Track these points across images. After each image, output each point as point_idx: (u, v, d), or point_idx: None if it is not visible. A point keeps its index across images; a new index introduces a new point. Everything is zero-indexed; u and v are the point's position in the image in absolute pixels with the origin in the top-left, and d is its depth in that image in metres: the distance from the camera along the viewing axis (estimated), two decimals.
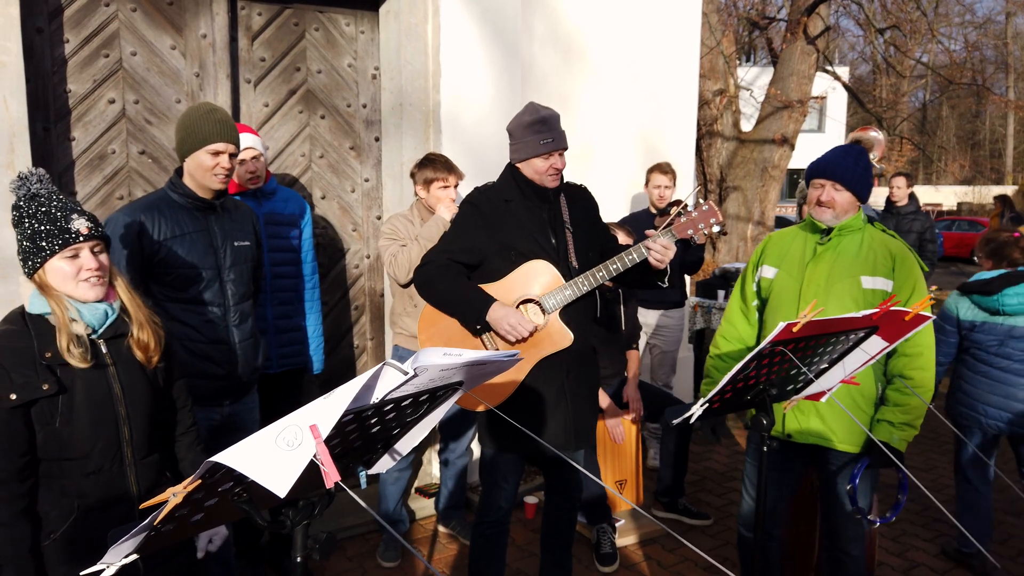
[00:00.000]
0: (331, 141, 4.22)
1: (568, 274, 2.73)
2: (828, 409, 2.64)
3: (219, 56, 3.80)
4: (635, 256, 2.69)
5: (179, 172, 2.72)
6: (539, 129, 2.71)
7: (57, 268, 1.85)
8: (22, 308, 1.91)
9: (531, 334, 2.64)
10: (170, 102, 3.71)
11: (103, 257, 1.92)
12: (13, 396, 1.77)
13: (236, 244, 2.80)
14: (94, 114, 3.54)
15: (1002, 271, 3.50)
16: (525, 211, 2.76)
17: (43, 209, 1.84)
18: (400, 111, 4.19)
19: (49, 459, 1.86)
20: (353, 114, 4.28)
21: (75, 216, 1.86)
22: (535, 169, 2.74)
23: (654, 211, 4.78)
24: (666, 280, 2.81)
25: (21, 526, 1.83)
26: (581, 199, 2.93)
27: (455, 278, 2.71)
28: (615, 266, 2.69)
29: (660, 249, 2.67)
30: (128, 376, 1.96)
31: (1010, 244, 3.56)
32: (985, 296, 3.47)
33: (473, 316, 2.66)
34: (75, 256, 1.86)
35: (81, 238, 1.86)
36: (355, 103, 4.28)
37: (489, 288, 2.71)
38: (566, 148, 2.77)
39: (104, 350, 1.93)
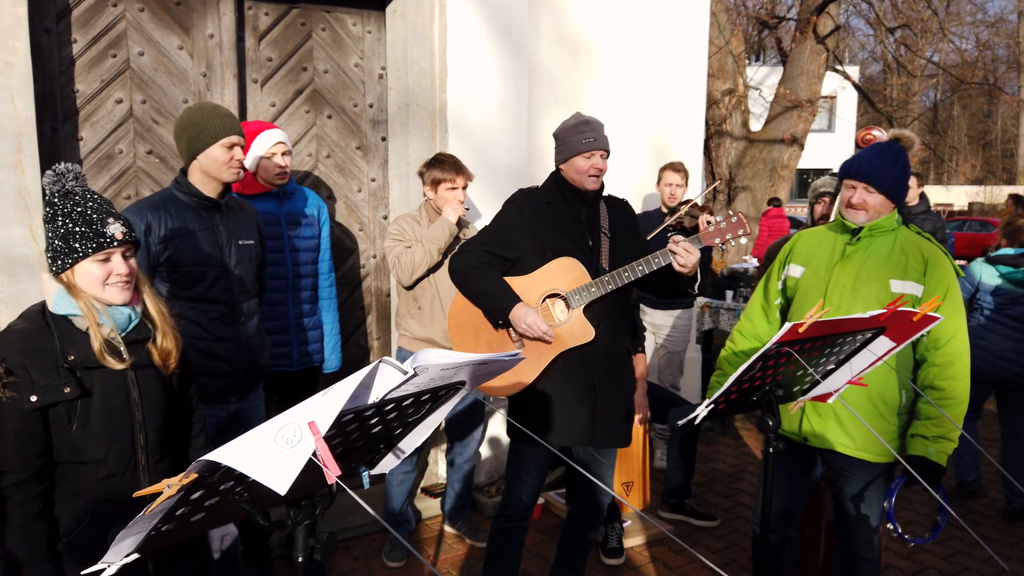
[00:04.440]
0: (338, 141, 4.22)
1: (597, 274, 2.78)
2: (848, 416, 2.57)
3: (226, 56, 3.81)
4: (660, 260, 2.72)
5: (184, 172, 2.73)
6: (582, 130, 2.80)
7: (87, 271, 1.82)
8: (42, 306, 1.88)
9: (545, 335, 2.70)
10: (177, 102, 3.72)
11: (132, 262, 1.89)
12: (34, 398, 1.75)
13: (241, 243, 2.81)
14: (102, 114, 3.55)
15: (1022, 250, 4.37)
16: (565, 213, 2.84)
17: (78, 209, 1.81)
18: (407, 111, 4.19)
19: (64, 462, 1.84)
20: (360, 114, 4.28)
21: (111, 220, 1.83)
22: (576, 169, 2.79)
23: (665, 210, 4.76)
24: (696, 287, 2.82)
25: (38, 527, 1.80)
26: (621, 210, 2.99)
27: (487, 271, 2.81)
28: (640, 268, 2.73)
29: (683, 252, 2.66)
30: (146, 381, 1.94)
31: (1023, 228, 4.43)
32: (1013, 268, 4.33)
33: (497, 313, 2.77)
34: (106, 260, 1.83)
35: (115, 243, 1.83)
36: (362, 103, 4.28)
37: (518, 280, 2.80)
38: (607, 151, 2.83)
39: (125, 357, 1.90)
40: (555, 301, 2.82)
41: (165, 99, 3.70)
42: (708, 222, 2.83)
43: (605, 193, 2.99)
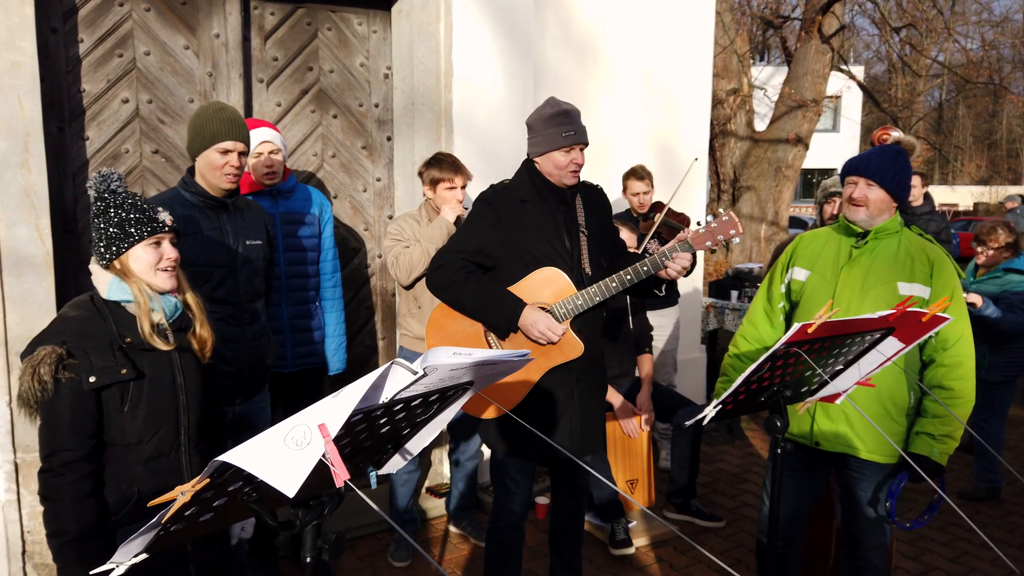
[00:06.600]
0: (343, 140, 4.22)
1: (581, 281, 2.66)
2: (857, 417, 2.56)
3: (232, 56, 3.81)
4: (650, 267, 2.60)
5: (191, 171, 2.73)
6: (561, 121, 2.60)
7: (140, 256, 1.97)
8: (91, 296, 2.01)
9: (555, 334, 2.58)
10: (183, 102, 3.72)
11: (176, 251, 2.06)
12: (92, 379, 1.86)
13: (248, 243, 2.80)
14: (108, 113, 3.55)
15: None
16: (541, 212, 2.67)
17: (129, 200, 1.99)
18: (412, 110, 4.18)
19: (112, 445, 1.95)
20: (365, 113, 4.28)
21: (159, 209, 2.04)
22: (555, 164, 2.63)
23: (635, 215, 4.69)
24: (663, 289, 2.72)
25: (89, 504, 1.89)
26: (596, 200, 2.85)
27: (478, 279, 2.64)
28: (628, 277, 2.59)
29: (678, 259, 2.58)
30: (187, 366, 2.07)
31: None
32: None
33: (505, 320, 2.60)
34: (157, 245, 2.00)
35: (166, 228, 2.01)
36: (367, 102, 4.28)
37: None
38: (587, 144, 2.67)
39: (171, 340, 2.03)
40: None
41: (171, 99, 3.70)
42: (698, 223, 2.74)
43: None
